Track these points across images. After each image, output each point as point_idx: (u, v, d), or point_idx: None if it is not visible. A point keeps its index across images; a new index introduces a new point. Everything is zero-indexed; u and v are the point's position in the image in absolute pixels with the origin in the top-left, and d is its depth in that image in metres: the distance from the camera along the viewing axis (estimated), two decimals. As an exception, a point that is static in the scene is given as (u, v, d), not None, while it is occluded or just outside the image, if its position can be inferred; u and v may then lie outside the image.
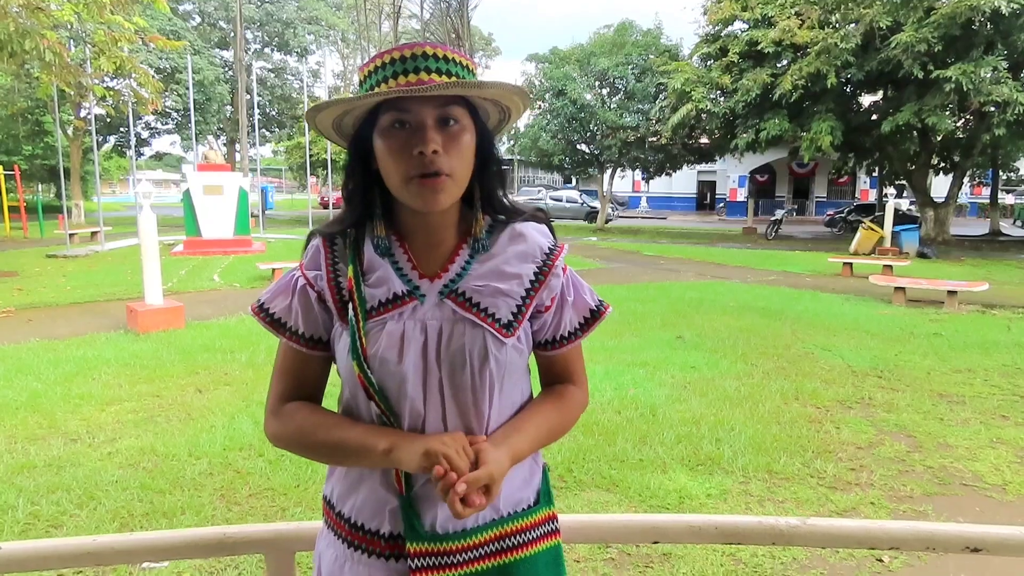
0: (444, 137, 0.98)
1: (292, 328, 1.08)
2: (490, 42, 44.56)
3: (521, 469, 1.08)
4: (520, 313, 1.05)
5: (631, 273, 13.12)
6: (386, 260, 1.05)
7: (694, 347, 6.76)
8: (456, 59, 0.99)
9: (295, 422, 1.06)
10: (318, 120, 1.02)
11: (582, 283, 1.15)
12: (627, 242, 20.66)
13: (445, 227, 1.07)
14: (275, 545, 1.11)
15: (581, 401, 1.17)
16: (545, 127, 25.88)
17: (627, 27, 25.23)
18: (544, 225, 1.14)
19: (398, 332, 1.01)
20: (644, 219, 35.47)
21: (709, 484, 3.71)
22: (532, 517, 1.09)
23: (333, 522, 1.08)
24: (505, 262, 1.06)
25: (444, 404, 1.01)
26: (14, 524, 3.22)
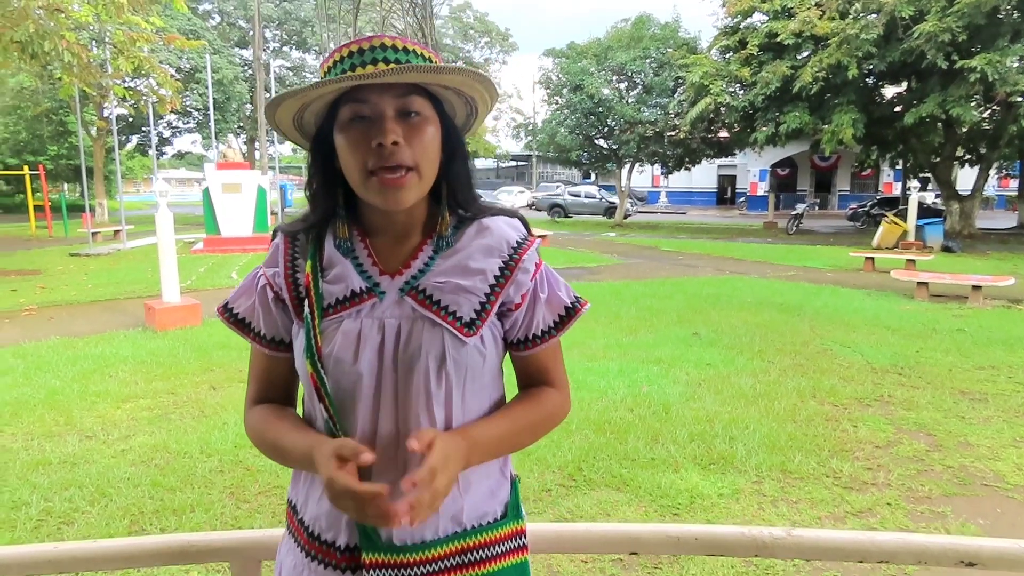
0: (405, 128, 0.94)
1: (255, 329, 1.06)
2: (507, 37, 44.42)
3: (487, 480, 1.04)
4: (484, 311, 1.00)
5: (648, 269, 13.02)
6: (347, 258, 1.02)
7: (710, 344, 6.68)
8: (416, 51, 0.96)
9: (253, 423, 1.06)
10: (278, 119, 0.98)
11: (557, 278, 1.09)
12: (645, 237, 20.52)
13: (410, 223, 1.03)
14: (240, 553, 1.08)
15: (559, 404, 1.11)
16: (562, 122, 25.81)
17: (645, 21, 25.04)
18: (516, 219, 1.09)
19: (354, 331, 0.97)
20: (663, 214, 35.22)
21: (722, 483, 3.65)
22: (498, 531, 1.04)
23: (295, 529, 1.06)
24: (469, 257, 1.02)
25: (398, 408, 0.97)
26: (27, 521, 3.25)
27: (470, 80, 0.97)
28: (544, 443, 4.11)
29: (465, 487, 1.00)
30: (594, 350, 6.43)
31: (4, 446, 4.17)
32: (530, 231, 1.09)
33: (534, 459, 3.92)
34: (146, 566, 1.08)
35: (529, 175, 52.11)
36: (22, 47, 10.05)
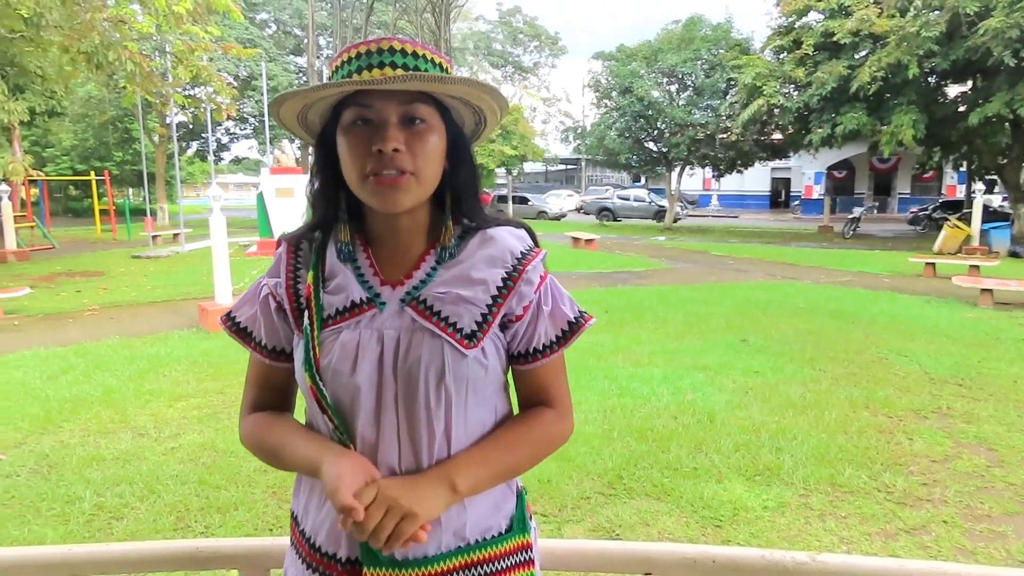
0: (408, 136, 0.93)
1: (256, 338, 1.06)
2: (556, 41, 44.40)
3: (491, 494, 1.02)
4: (485, 323, 0.98)
5: (697, 273, 12.81)
6: (348, 266, 1.01)
7: (758, 351, 6.52)
8: (426, 55, 0.94)
9: (251, 429, 1.06)
10: (282, 116, 0.98)
11: (562, 292, 1.06)
12: (695, 241, 20.21)
13: (413, 232, 1.02)
14: (248, 561, 1.09)
15: (556, 426, 1.06)
16: (611, 125, 25.64)
17: (696, 22, 24.69)
18: (522, 230, 1.06)
19: (353, 342, 0.96)
20: (714, 218, 34.65)
21: (767, 496, 3.55)
22: (502, 546, 1.02)
23: (296, 540, 1.05)
24: (472, 268, 1.00)
25: (399, 420, 0.95)
26: (80, 515, 3.36)
27: (477, 90, 0.95)
28: (584, 450, 4.08)
29: (468, 501, 0.98)
30: (639, 356, 6.35)
31: (63, 442, 4.33)
32: (536, 242, 1.07)
33: (574, 465, 3.88)
34: (156, 571, 1.09)
35: (578, 179, 51.97)
36: (88, 57, 10.48)
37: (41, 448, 4.22)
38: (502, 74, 45.31)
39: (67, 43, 10.35)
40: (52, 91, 13.95)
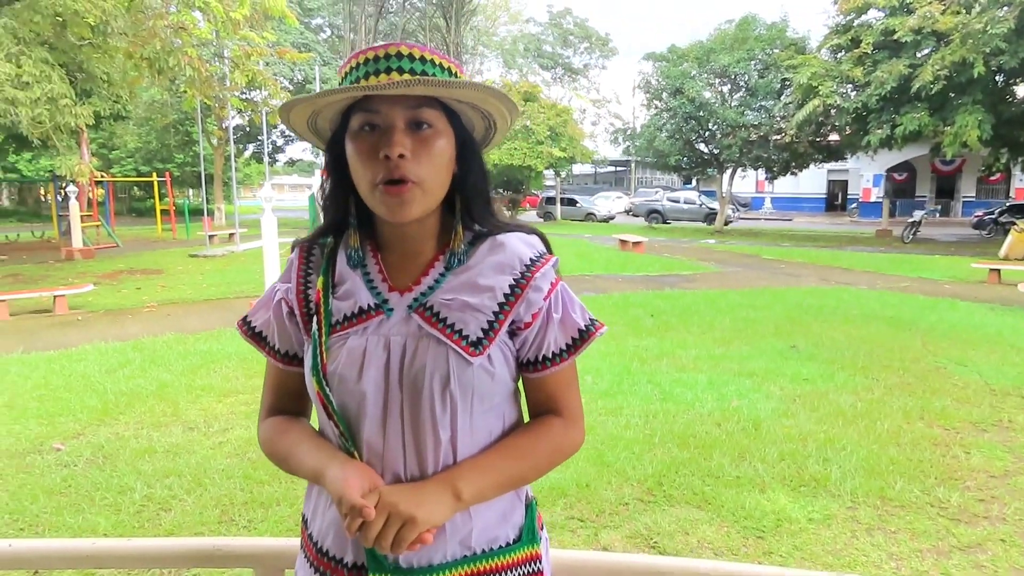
0: (414, 141, 0.92)
1: (271, 343, 1.07)
2: (606, 42, 44.14)
3: (499, 504, 1.00)
4: (492, 330, 0.96)
5: (747, 278, 12.55)
6: (358, 272, 1.01)
7: (808, 358, 6.35)
8: (434, 60, 0.94)
9: (265, 434, 1.07)
10: (292, 121, 0.99)
11: (573, 299, 1.04)
12: (746, 245, 19.81)
13: (423, 238, 1.01)
14: (264, 561, 1.10)
15: (566, 437, 1.04)
16: (661, 126, 25.38)
17: (750, 21, 24.25)
18: (534, 236, 1.05)
19: (360, 348, 0.96)
20: (767, 221, 33.93)
21: (812, 507, 3.45)
22: (510, 556, 1.00)
23: (305, 543, 1.06)
24: (479, 274, 0.98)
25: (404, 427, 0.95)
26: (131, 505, 3.48)
27: (483, 95, 0.94)
28: (624, 455, 4.03)
29: (475, 510, 0.97)
30: (684, 361, 6.25)
31: (118, 433, 4.49)
32: (549, 248, 1.05)
33: (613, 471, 3.84)
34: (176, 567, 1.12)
35: (627, 181, 51.55)
36: (150, 63, 10.91)
37: (98, 439, 4.38)
38: (552, 76, 45.30)
39: (131, 49, 10.78)
40: (117, 96, 14.52)
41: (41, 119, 9.24)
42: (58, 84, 9.24)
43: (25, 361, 6.35)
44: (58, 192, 17.85)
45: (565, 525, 3.30)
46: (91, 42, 10.70)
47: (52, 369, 6.03)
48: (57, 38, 10.18)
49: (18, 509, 3.43)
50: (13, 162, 24.63)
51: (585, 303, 1.08)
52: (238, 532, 3.22)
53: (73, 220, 15.89)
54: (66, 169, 10.27)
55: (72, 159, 11.02)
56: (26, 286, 10.87)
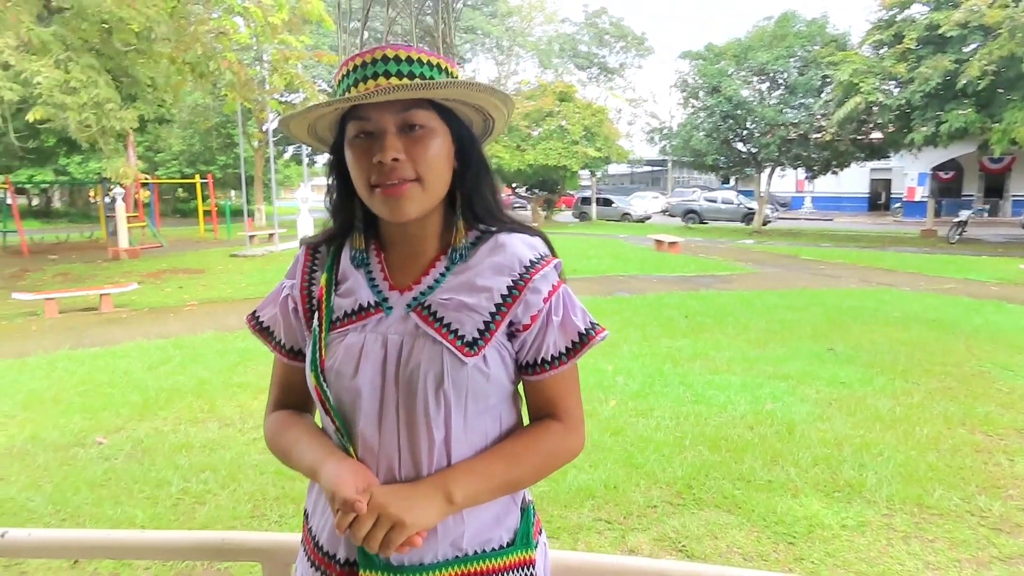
0: (408, 143, 0.94)
1: (277, 338, 1.09)
2: (642, 41, 43.78)
3: (492, 506, 1.00)
4: (488, 331, 0.96)
5: (785, 278, 12.34)
6: (361, 270, 1.03)
7: (846, 361, 6.21)
8: (421, 59, 0.95)
9: (270, 428, 1.09)
10: (293, 131, 1.01)
11: (575, 302, 1.04)
12: (785, 245, 19.47)
13: (424, 238, 1.02)
14: (271, 555, 1.12)
15: (564, 442, 1.04)
16: (698, 125, 25.07)
17: (789, 18, 23.80)
18: (537, 238, 1.05)
19: (357, 345, 0.97)
20: (807, 221, 33.29)
21: (846, 514, 3.38)
22: (502, 559, 0.99)
23: (305, 538, 1.07)
24: (478, 275, 0.99)
25: (399, 425, 0.95)
26: (167, 499, 3.57)
27: (469, 91, 0.95)
28: (654, 457, 4.01)
29: (467, 512, 0.97)
30: (717, 363, 6.18)
31: (157, 428, 4.62)
32: (552, 251, 1.05)
33: (642, 472, 3.82)
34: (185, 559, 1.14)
35: (664, 180, 51.06)
36: (192, 68, 11.16)
37: (137, 434, 4.50)
38: (587, 76, 45.08)
39: (175, 54, 11.04)
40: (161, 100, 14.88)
41: (88, 123, 9.54)
42: (104, 89, 9.52)
43: (72, 357, 6.56)
44: (106, 194, 18.38)
45: (592, 527, 3.29)
46: (136, 48, 10.99)
47: (97, 365, 6.22)
48: (103, 44, 10.49)
49: (61, 500, 3.55)
50: (64, 165, 25.41)
51: (618, 304, 1.08)
52: (269, 527, 3.28)
53: (119, 221, 16.35)
54: (112, 172, 10.59)
55: (118, 162, 11.33)
56: (74, 285, 11.22)
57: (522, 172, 27.44)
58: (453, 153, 1.00)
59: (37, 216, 30.51)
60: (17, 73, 9.15)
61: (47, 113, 9.45)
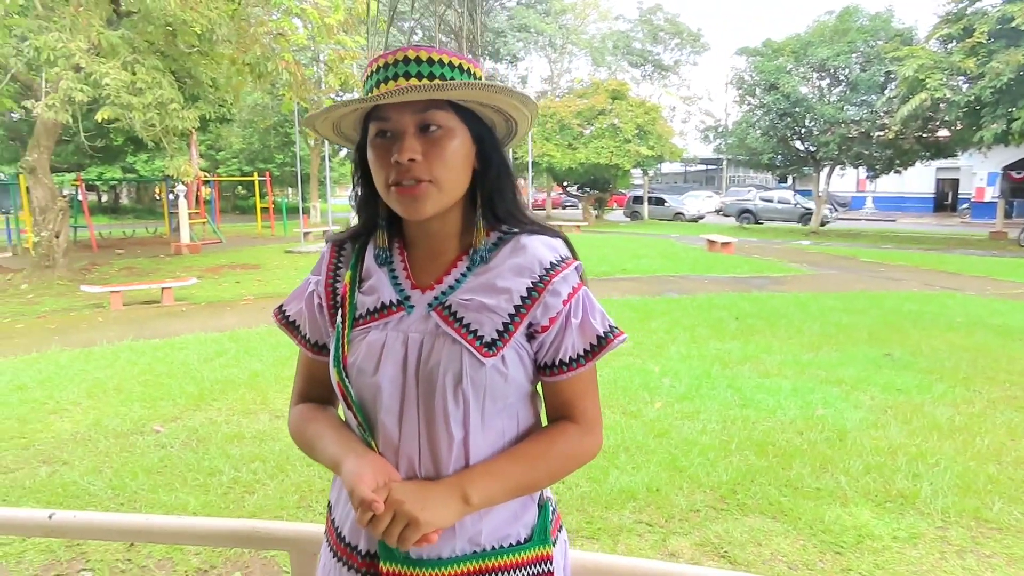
0: (425, 144, 0.95)
1: (302, 332, 1.11)
2: (698, 38, 43.09)
3: (509, 503, 1.01)
4: (507, 332, 0.97)
5: (842, 280, 11.99)
6: (384, 269, 1.04)
7: (904, 366, 6.00)
8: (444, 60, 0.96)
9: (294, 420, 1.11)
10: (319, 129, 1.04)
11: (594, 305, 1.04)
12: (843, 246, 18.91)
13: (446, 237, 1.04)
14: (299, 544, 1.15)
15: (580, 444, 1.04)
16: (754, 123, 24.56)
17: (852, 12, 23.09)
18: (558, 240, 1.05)
19: (379, 342, 0.99)
20: (868, 221, 32.24)
21: (898, 525, 3.27)
22: (519, 555, 1.00)
23: (328, 528, 1.10)
24: (498, 276, 1.00)
25: (419, 422, 0.97)
26: (218, 487, 3.69)
27: (484, 92, 0.96)
28: (698, 460, 3.95)
29: (487, 509, 0.98)
30: (768, 366, 6.04)
31: (211, 419, 4.77)
32: (574, 253, 1.05)
33: (685, 476, 3.77)
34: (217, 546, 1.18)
35: (719, 179, 50.20)
36: (251, 68, 11.48)
37: (193, 423, 4.66)
38: (641, 73, 44.64)
39: (235, 55, 11.38)
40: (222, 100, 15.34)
41: (152, 122, 9.91)
42: (168, 90, 9.88)
43: (134, 348, 6.83)
44: (169, 191, 19.06)
45: (633, 529, 3.26)
46: (198, 49, 11.37)
47: (157, 356, 6.46)
48: (168, 46, 10.88)
49: (120, 485, 3.70)
50: (132, 163, 26.43)
51: (667, 304, 1.09)
52: (314, 518, 3.36)
53: (181, 217, 16.94)
54: (174, 169, 10.99)
55: (180, 160, 11.74)
56: (138, 278, 11.68)
57: (573, 171, 27.36)
58: (473, 154, 1.01)
59: (106, 212, 31.83)
60: (87, 75, 9.56)
61: (115, 113, 9.86)
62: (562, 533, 1.11)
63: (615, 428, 4.48)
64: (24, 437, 4.43)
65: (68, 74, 9.36)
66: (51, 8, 9.73)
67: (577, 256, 1.06)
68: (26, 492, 3.65)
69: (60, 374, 5.84)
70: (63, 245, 11.81)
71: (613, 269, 13.01)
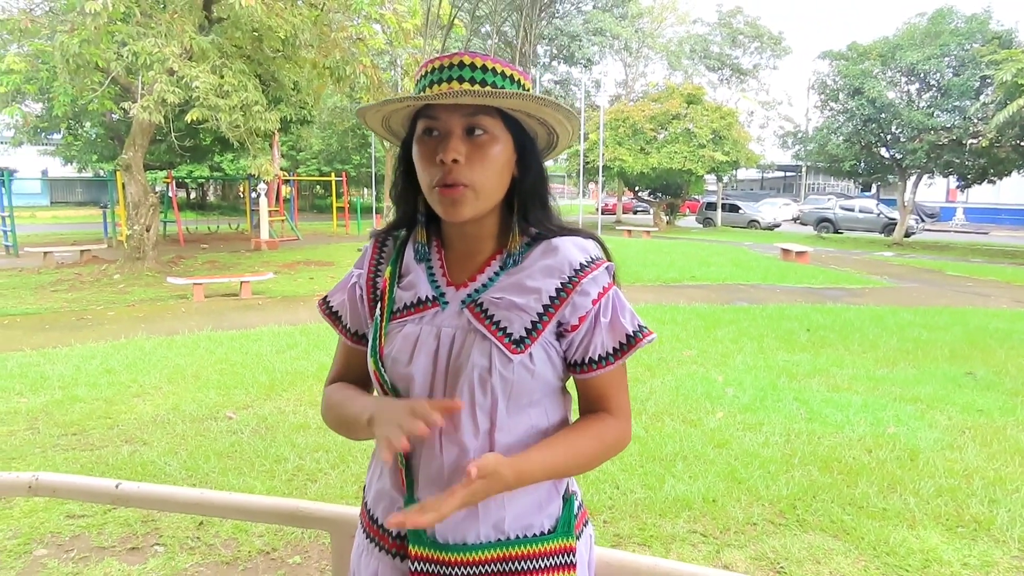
0: (470, 147, 0.98)
1: (344, 322, 1.17)
2: (779, 41, 41.86)
3: (535, 492, 1.03)
4: (535, 330, 1.01)
5: (925, 295, 11.45)
6: (422, 265, 1.09)
7: (987, 387, 5.70)
8: (497, 69, 1.00)
9: (326, 398, 1.17)
10: (368, 122, 1.08)
11: (624, 305, 1.06)
12: (929, 259, 18.04)
13: (482, 238, 1.07)
14: (338, 525, 1.20)
15: (618, 431, 1.08)
16: (836, 129, 23.70)
17: (945, 14, 21.96)
18: (591, 241, 1.07)
19: (413, 335, 1.04)
20: (957, 233, 30.66)
21: (969, 552, 3.12)
22: (543, 545, 1.03)
23: (362, 510, 1.14)
24: (529, 276, 1.03)
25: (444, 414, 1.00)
26: (283, 473, 3.84)
27: (533, 104, 0.99)
28: (758, 473, 3.87)
29: (510, 497, 1.01)
30: (838, 380, 5.84)
31: (280, 408, 4.97)
32: (607, 254, 1.08)
33: (744, 488, 3.69)
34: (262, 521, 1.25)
35: (796, 187, 48.64)
36: (331, 72, 11.86)
37: (263, 412, 4.87)
38: (719, 77, 43.71)
39: (316, 59, 11.79)
40: (304, 102, 15.90)
41: (237, 123, 10.38)
42: (252, 92, 10.32)
43: (212, 338, 7.16)
44: (252, 189, 19.86)
45: (687, 538, 3.23)
46: (282, 54, 11.82)
47: (233, 347, 6.76)
48: (253, 51, 11.37)
49: (193, 467, 3.90)
50: (218, 162, 27.66)
51: (735, 313, 1.12)
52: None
53: (262, 215, 17.63)
54: (256, 168, 11.47)
55: (263, 160, 12.22)
56: (219, 272, 12.24)
57: (645, 175, 27.03)
58: (514, 161, 1.04)
59: (193, 208, 33.40)
60: (179, 78, 10.09)
61: (203, 114, 10.36)
62: (587, 528, 1.13)
63: (673, 436, 4.43)
64: (110, 417, 4.72)
65: (162, 77, 9.90)
66: (149, 15, 10.32)
67: (610, 257, 1.09)
68: (108, 468, 3.89)
69: (144, 360, 6.20)
70: (153, 239, 12.48)
71: (682, 276, 12.80)
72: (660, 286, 11.71)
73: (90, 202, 36.70)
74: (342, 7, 11.82)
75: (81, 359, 6.19)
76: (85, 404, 4.96)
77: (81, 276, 11.53)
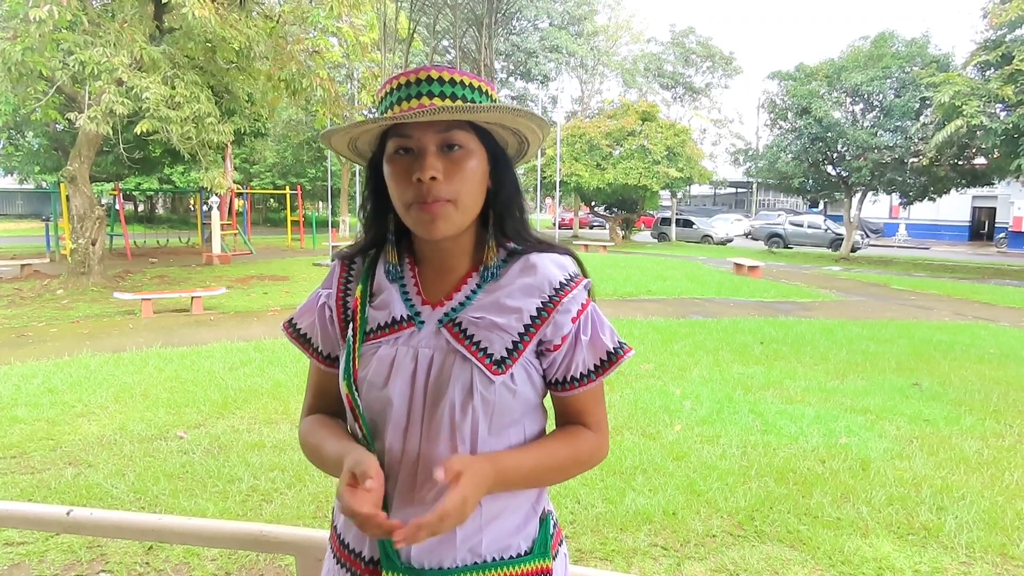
0: (446, 163, 0.96)
1: (314, 345, 1.13)
2: (730, 61, 43.01)
3: (515, 515, 1.02)
4: (516, 350, 0.99)
5: (871, 308, 11.80)
6: (395, 284, 1.06)
7: (932, 397, 5.88)
8: (464, 81, 0.98)
9: (302, 431, 1.13)
10: (333, 145, 1.06)
11: (603, 321, 1.05)
12: (874, 273, 18.63)
13: (457, 254, 1.05)
14: (304, 549, 1.17)
15: (594, 447, 1.07)
16: (785, 147, 24.37)
17: (887, 38, 22.89)
18: (567, 257, 1.06)
19: (389, 357, 1.01)
20: (900, 248, 31.76)
21: (920, 558, 3.19)
22: (520, 567, 1.01)
23: (332, 534, 1.11)
24: (508, 295, 1.01)
25: (424, 435, 0.98)
26: (237, 494, 3.73)
27: (509, 116, 0.98)
28: (716, 485, 3.91)
29: (488, 519, 0.99)
30: (791, 392, 5.96)
31: (233, 426, 4.83)
32: (583, 270, 1.07)
33: (703, 500, 3.73)
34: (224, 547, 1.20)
35: (748, 203, 49.84)
36: (287, 84, 11.72)
37: (215, 431, 4.73)
38: (672, 95, 44.62)
39: (271, 72, 11.64)
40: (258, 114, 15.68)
41: (189, 135, 10.17)
42: (205, 104, 10.13)
43: (162, 355, 6.95)
44: (204, 202, 19.45)
45: (648, 552, 3.23)
46: (236, 65, 11.66)
47: (184, 364, 6.57)
48: (207, 62, 11.17)
49: (142, 489, 3.76)
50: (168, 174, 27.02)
51: (691, 327, 1.11)
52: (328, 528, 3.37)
53: (214, 228, 17.26)
54: (208, 181, 11.24)
55: (215, 172, 11.99)
56: (169, 287, 11.91)
57: (601, 191, 27.38)
58: (488, 173, 1.02)
59: (141, 221, 32.51)
60: (129, 89, 9.85)
61: (153, 126, 10.13)
62: (563, 547, 1.12)
63: (633, 449, 4.45)
64: (52, 439, 4.53)
65: (111, 88, 9.65)
66: (97, 24, 10.06)
67: (586, 273, 1.08)
68: (51, 492, 3.73)
69: (90, 378, 5.97)
70: (99, 252, 12.10)
71: (638, 290, 12.95)
72: (617, 300, 11.81)
73: (31, 215, 35.49)
74: (298, 20, 11.72)
75: (21, 378, 5.94)
76: (25, 425, 4.75)
77: (21, 291, 11.11)
